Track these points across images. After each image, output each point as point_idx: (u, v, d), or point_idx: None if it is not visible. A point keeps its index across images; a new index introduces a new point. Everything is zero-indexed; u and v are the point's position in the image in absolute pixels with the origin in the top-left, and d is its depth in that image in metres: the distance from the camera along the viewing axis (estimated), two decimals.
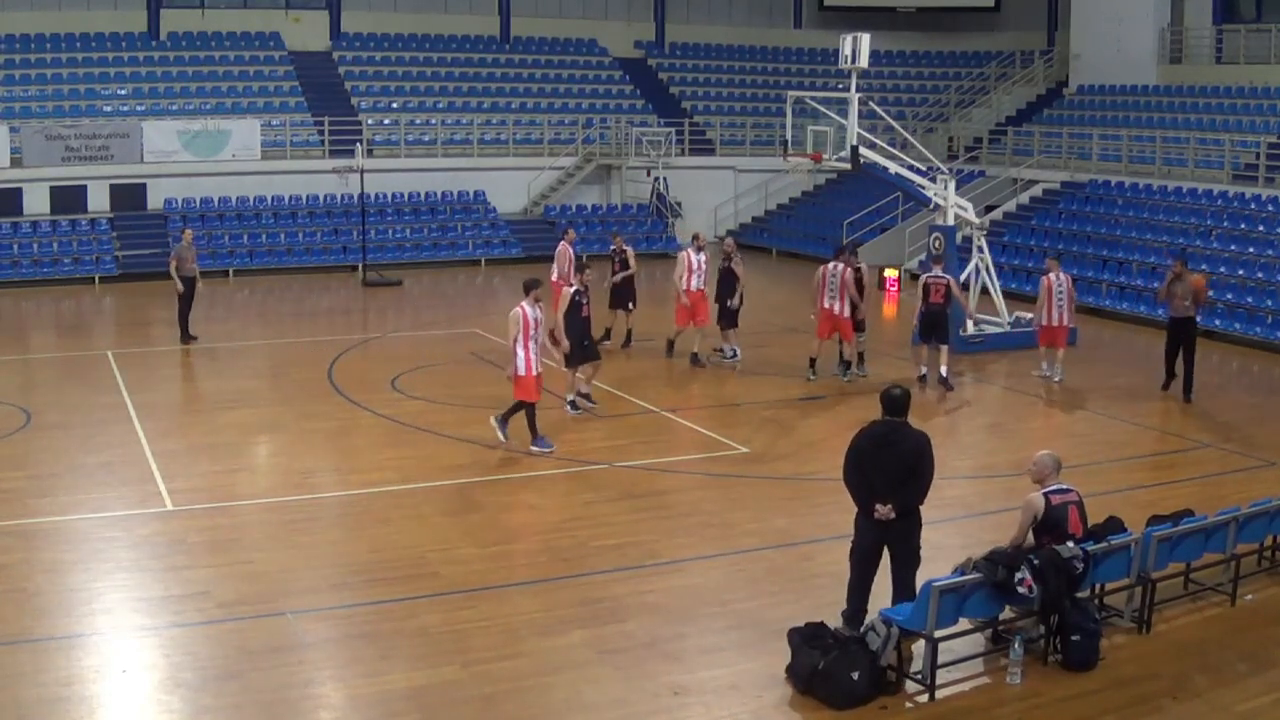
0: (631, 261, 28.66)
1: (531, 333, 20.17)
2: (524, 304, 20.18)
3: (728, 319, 27.23)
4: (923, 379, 25.56)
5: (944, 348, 25.60)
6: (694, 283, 26.93)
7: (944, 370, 25.54)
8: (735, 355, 27.31)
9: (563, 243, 28.78)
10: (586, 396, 23.32)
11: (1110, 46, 47.46)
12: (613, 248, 29.47)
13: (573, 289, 22.83)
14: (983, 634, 13.24)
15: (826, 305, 25.40)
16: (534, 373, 20.23)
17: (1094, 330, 30.39)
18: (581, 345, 22.71)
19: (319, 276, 40.44)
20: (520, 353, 20.08)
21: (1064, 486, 13.29)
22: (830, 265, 25.57)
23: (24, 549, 15.85)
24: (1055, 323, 26.05)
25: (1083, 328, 30.40)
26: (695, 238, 28.47)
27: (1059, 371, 26.10)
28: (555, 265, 28.46)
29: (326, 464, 20.13)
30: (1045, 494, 13.13)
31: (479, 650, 13.09)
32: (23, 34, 45.23)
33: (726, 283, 27.35)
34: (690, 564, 15.79)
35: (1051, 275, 26.25)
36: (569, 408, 22.95)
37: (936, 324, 25.42)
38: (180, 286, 28.80)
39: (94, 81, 44.52)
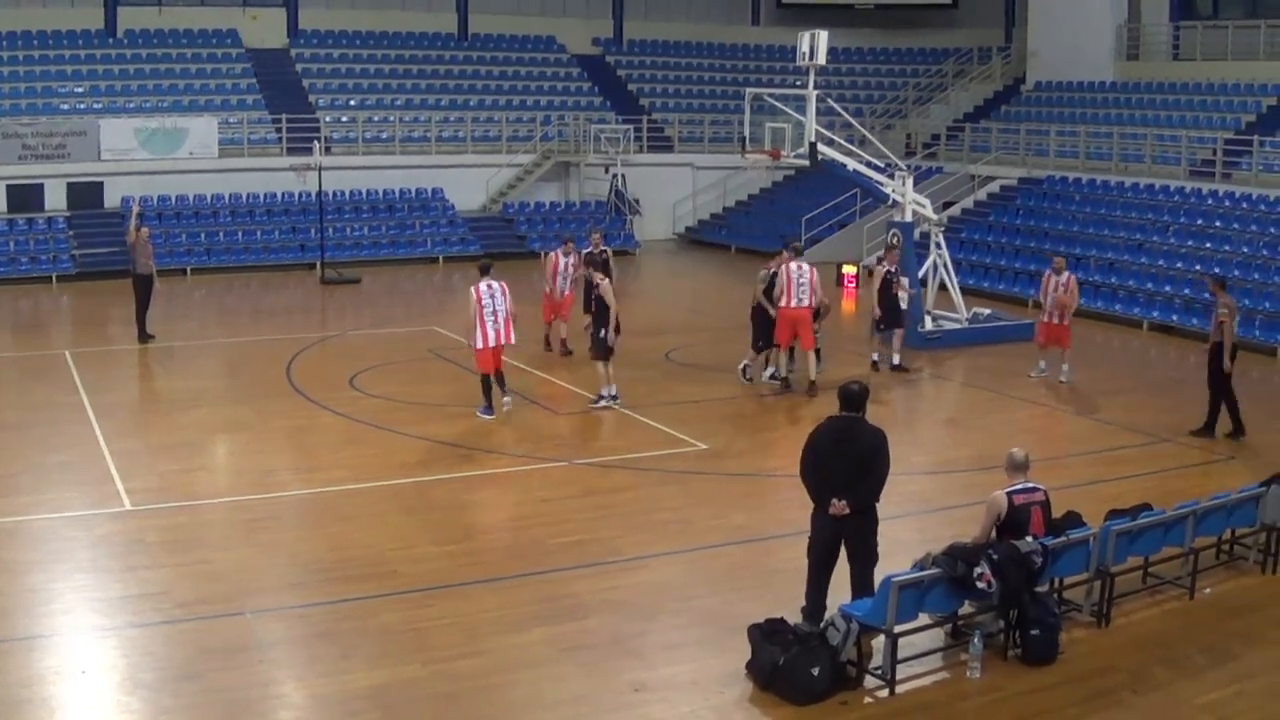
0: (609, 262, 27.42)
1: (487, 311, 21.85)
2: (479, 284, 22.06)
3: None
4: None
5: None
6: (795, 298, 24.16)
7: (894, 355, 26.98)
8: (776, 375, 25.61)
9: (555, 252, 28.10)
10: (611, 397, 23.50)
11: (1068, 43, 47.64)
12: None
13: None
14: (942, 629, 13.30)
15: (794, 305, 24.36)
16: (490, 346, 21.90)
17: None
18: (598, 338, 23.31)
19: (277, 275, 40.32)
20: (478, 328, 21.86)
21: (1030, 485, 13.38)
22: (795, 265, 24.52)
23: None
24: (1051, 319, 26.13)
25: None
26: (790, 246, 25.09)
27: (1065, 373, 26.22)
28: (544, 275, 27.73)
29: (285, 463, 20.05)
30: (1008, 493, 13.21)
31: (440, 648, 13.08)
32: None
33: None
34: (650, 561, 15.80)
35: (1049, 273, 26.42)
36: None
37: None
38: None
39: (50, 79, 44.25)
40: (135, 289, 28.92)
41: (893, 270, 26.94)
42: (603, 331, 23.04)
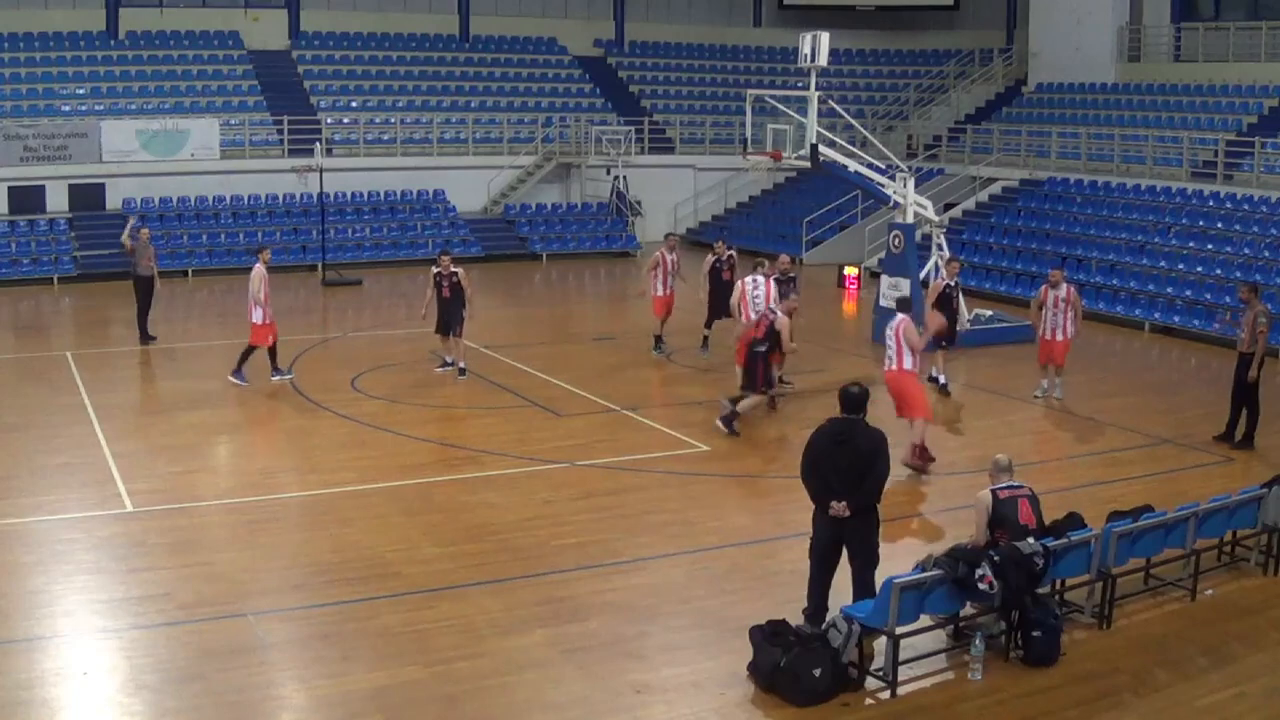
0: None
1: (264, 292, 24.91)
2: (259, 265, 25.12)
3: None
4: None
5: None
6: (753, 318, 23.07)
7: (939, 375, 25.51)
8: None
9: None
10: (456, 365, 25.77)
11: (1069, 45, 47.68)
12: (714, 256, 27.93)
13: (434, 271, 25.61)
14: (944, 630, 13.31)
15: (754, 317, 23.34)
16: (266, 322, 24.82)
17: None
18: (444, 321, 25.55)
19: (278, 276, 39.89)
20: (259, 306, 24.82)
21: (1014, 484, 13.54)
22: (749, 279, 24.09)
23: None
24: (1049, 336, 24.46)
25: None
26: (760, 266, 24.57)
27: (1058, 389, 24.77)
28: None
29: (287, 464, 20.07)
30: (993, 490, 13.40)
31: (441, 650, 13.08)
32: None
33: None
34: (651, 562, 15.80)
35: (1045, 286, 24.69)
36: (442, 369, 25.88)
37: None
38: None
39: (52, 81, 44.28)
40: (136, 290, 28.93)
41: (952, 285, 25.63)
42: (463, 314, 25.33)
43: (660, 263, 28.02)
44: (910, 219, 29.73)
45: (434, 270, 25.59)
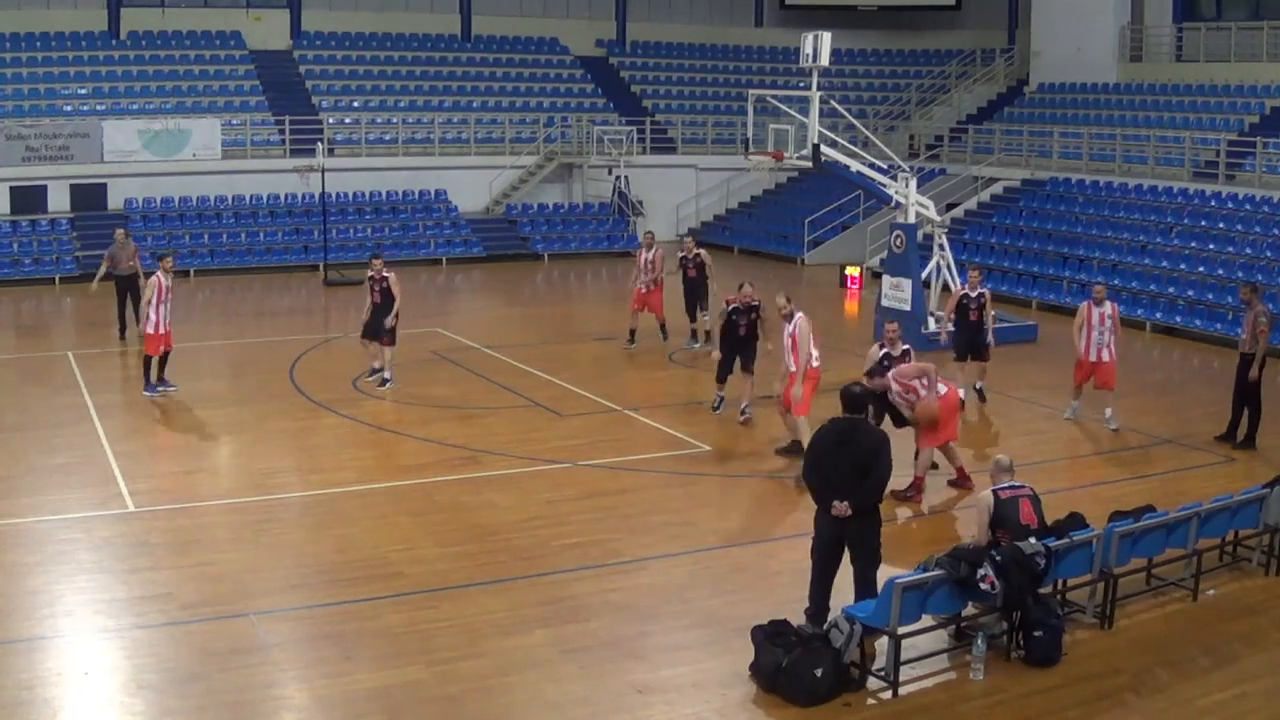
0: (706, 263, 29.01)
1: (164, 298, 23.79)
2: (159, 273, 24.09)
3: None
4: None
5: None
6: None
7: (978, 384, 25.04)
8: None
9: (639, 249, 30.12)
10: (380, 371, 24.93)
11: (1071, 45, 47.64)
12: (682, 253, 29.31)
13: (368, 275, 24.70)
14: (946, 631, 13.31)
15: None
16: (161, 331, 23.86)
17: (1055, 328, 30.53)
18: (370, 325, 24.70)
19: (280, 276, 40.28)
20: (152, 315, 23.79)
21: (1015, 484, 13.65)
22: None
23: None
24: (1094, 357, 22.72)
25: (1044, 325, 30.71)
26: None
27: (1113, 418, 22.87)
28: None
29: (288, 464, 20.05)
30: (994, 490, 13.50)
31: (442, 650, 13.09)
32: None
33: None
34: (653, 562, 15.80)
35: (1089, 304, 22.98)
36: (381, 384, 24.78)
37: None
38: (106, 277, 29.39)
39: (54, 81, 44.26)
40: (116, 289, 29.12)
41: (971, 295, 24.58)
42: (390, 320, 24.34)
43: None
44: (912, 219, 29.72)
45: (367, 274, 24.72)
